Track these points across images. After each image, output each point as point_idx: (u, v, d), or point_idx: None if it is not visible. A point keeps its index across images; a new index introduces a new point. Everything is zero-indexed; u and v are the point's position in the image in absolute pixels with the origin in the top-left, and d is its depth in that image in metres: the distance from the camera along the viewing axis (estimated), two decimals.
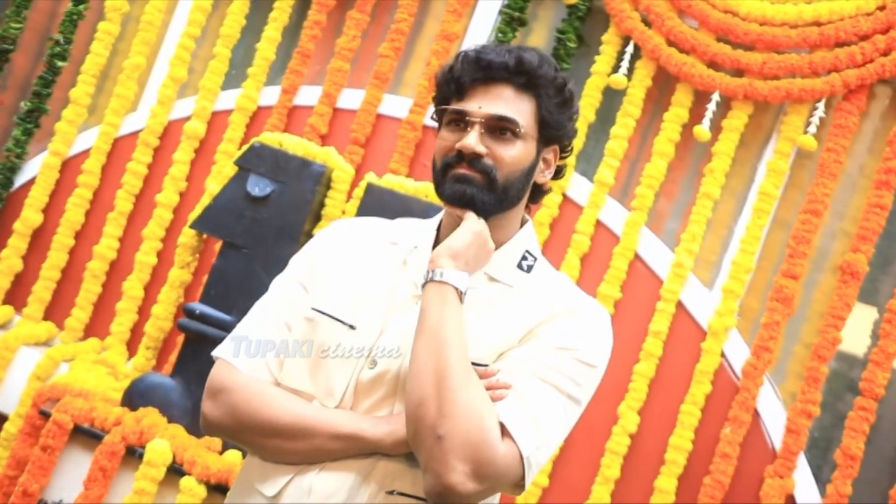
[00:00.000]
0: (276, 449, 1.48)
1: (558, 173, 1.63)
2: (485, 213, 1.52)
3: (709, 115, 3.43)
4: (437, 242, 1.58)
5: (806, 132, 3.37)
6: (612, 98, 3.55)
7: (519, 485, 1.42)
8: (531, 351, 1.47)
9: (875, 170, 3.33)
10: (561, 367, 1.46)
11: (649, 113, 3.57)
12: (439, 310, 1.43)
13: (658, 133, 3.49)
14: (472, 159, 1.49)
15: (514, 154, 1.51)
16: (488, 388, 1.42)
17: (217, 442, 3.04)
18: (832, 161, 3.31)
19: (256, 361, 1.53)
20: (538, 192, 1.63)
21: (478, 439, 1.35)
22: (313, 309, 1.54)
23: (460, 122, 1.52)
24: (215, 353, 1.56)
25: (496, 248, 1.55)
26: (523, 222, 1.62)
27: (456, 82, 1.53)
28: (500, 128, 1.50)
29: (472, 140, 1.49)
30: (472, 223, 1.51)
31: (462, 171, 1.50)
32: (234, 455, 3.06)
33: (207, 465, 2.94)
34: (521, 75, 1.51)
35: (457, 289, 1.45)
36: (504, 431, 1.38)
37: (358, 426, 1.45)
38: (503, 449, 1.37)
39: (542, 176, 1.59)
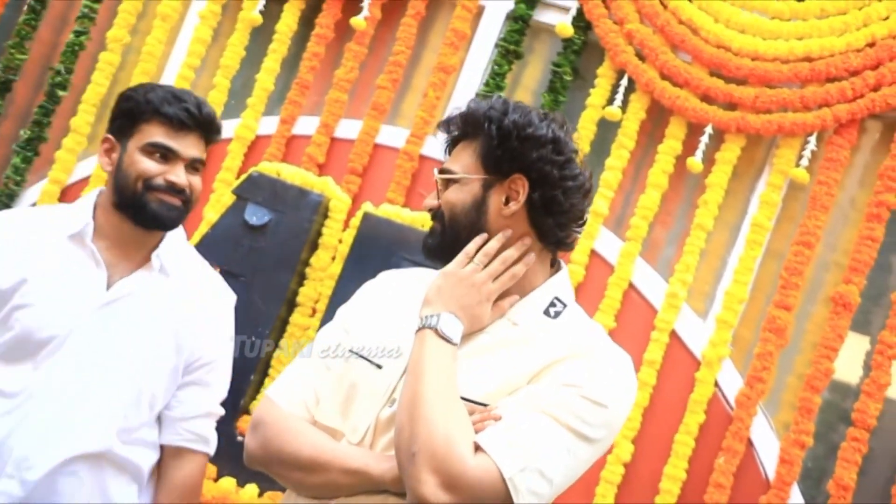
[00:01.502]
0: (299, 481, 1.57)
1: (555, 205, 1.58)
2: (438, 254, 1.63)
3: (702, 147, 3.45)
4: None
5: (798, 165, 3.39)
6: (606, 130, 3.57)
7: None
8: (536, 387, 1.48)
9: (866, 203, 3.35)
10: (564, 401, 1.46)
11: (643, 145, 3.59)
12: (418, 351, 1.50)
13: (652, 165, 3.51)
14: (433, 214, 1.65)
15: (449, 195, 1.60)
16: (478, 422, 1.44)
17: (212, 469, 3.03)
18: (824, 194, 3.33)
19: (295, 399, 1.62)
20: (546, 235, 1.60)
21: (444, 452, 1.38)
22: (349, 350, 1.63)
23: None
24: (267, 392, 1.67)
25: (524, 295, 1.59)
26: (557, 269, 1.64)
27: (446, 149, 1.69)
28: (443, 179, 1.62)
29: (429, 198, 1.65)
30: (446, 267, 1.59)
31: (431, 226, 1.66)
32: (228, 482, 3.05)
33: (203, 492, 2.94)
34: (463, 125, 1.62)
35: (434, 329, 1.50)
36: (479, 449, 1.40)
37: (365, 462, 1.51)
38: (473, 462, 1.39)
39: (507, 208, 1.58)
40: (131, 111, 1.94)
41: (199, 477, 2.03)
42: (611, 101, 3.56)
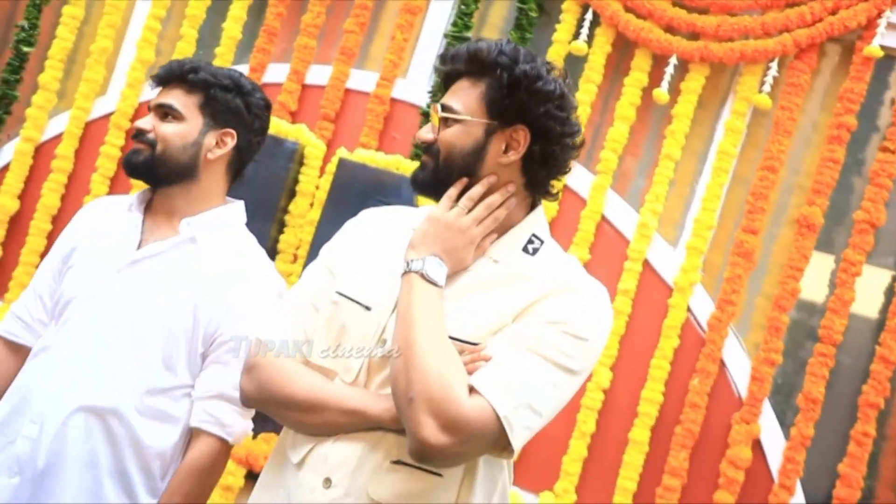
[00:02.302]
0: (296, 421, 1.59)
1: (551, 159, 1.62)
2: (428, 190, 1.65)
3: (667, 78, 3.49)
4: None
5: (761, 91, 3.44)
6: (573, 65, 3.59)
7: (504, 447, 1.47)
8: (521, 326, 1.52)
9: (827, 125, 3.40)
10: (549, 338, 1.50)
11: (610, 78, 3.62)
12: (406, 295, 1.52)
13: (619, 98, 3.54)
14: (425, 147, 1.64)
15: (449, 134, 1.60)
16: (470, 362, 1.48)
17: None
18: (786, 119, 3.39)
19: (287, 341, 1.63)
20: (536, 185, 1.64)
21: (441, 395, 1.42)
22: (337, 292, 1.63)
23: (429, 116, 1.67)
24: (255, 332, 1.68)
25: (503, 234, 1.62)
26: (533, 207, 1.67)
27: (441, 82, 1.67)
28: (443, 117, 1.61)
29: (423, 130, 1.64)
30: (430, 211, 1.61)
31: (422, 157, 1.66)
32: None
33: None
34: (468, 63, 1.61)
35: (420, 274, 1.53)
36: (473, 391, 1.44)
37: (362, 402, 1.54)
38: (470, 404, 1.42)
39: (506, 156, 1.60)
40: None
41: (209, 459, 1.96)
42: (576, 36, 3.58)
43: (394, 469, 1.52)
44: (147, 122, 2.01)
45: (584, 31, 3.56)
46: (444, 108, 1.61)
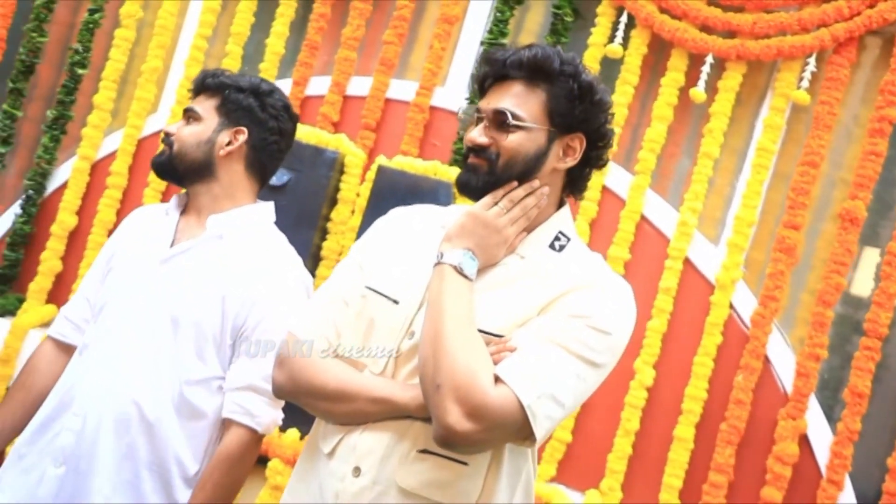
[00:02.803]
0: (326, 411, 1.64)
1: (596, 162, 1.70)
2: (480, 195, 1.64)
3: (704, 77, 3.49)
4: None
5: (799, 87, 3.42)
6: (610, 68, 3.61)
7: (527, 436, 1.50)
8: (546, 319, 1.56)
9: (869, 119, 3.37)
10: (573, 331, 1.54)
11: (647, 79, 3.63)
12: (437, 286, 1.56)
13: (656, 98, 3.55)
14: (477, 150, 1.63)
15: (514, 141, 1.61)
16: (494, 353, 1.51)
17: None
18: (826, 113, 3.36)
19: (317, 334, 1.68)
20: (575, 183, 1.71)
21: (467, 383, 1.45)
22: (366, 287, 1.69)
23: (477, 118, 1.66)
24: (288, 326, 1.73)
25: (531, 231, 1.67)
26: (561, 205, 1.72)
27: (479, 82, 1.69)
28: (500, 120, 1.61)
29: (475, 133, 1.63)
30: (471, 207, 1.64)
31: (471, 160, 1.64)
32: None
33: None
34: (528, 69, 1.62)
35: (454, 266, 1.56)
36: (498, 380, 1.47)
37: (390, 391, 1.59)
38: (495, 392, 1.46)
39: (563, 162, 1.65)
40: None
41: (239, 449, 2.02)
42: (612, 39, 3.60)
43: (420, 458, 1.57)
44: (174, 126, 2.16)
45: (620, 33, 3.58)
46: (512, 116, 1.61)
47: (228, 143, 2.12)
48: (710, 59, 3.48)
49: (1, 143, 4.07)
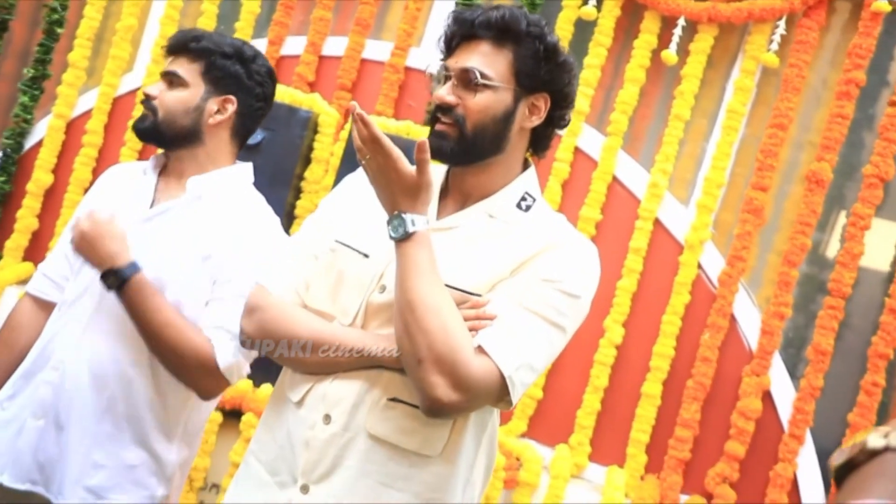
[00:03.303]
0: (297, 360, 1.65)
1: (559, 122, 1.72)
2: (458, 159, 1.65)
3: (676, 39, 3.50)
4: (446, 181, 1.73)
5: (769, 50, 3.44)
6: (584, 30, 3.62)
7: (504, 400, 1.55)
8: (519, 282, 1.58)
9: (836, 81, 3.40)
10: (545, 297, 1.57)
11: (620, 41, 3.64)
12: (401, 261, 1.54)
13: (629, 60, 3.56)
14: (445, 110, 1.62)
15: (481, 102, 1.62)
16: (475, 318, 1.54)
17: None
18: (795, 76, 3.39)
19: (286, 285, 1.70)
20: (538, 142, 1.73)
21: (450, 358, 1.48)
22: (335, 241, 1.70)
23: (444, 77, 1.65)
24: (256, 278, 1.74)
25: (498, 190, 1.69)
26: (526, 166, 1.74)
27: (446, 41, 1.69)
28: (468, 79, 1.62)
29: (443, 91, 1.63)
30: (367, 177, 1.60)
31: (439, 126, 1.63)
32: (245, 383, 3.23)
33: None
34: (496, 30, 1.63)
35: (406, 235, 1.54)
36: (481, 350, 1.50)
37: (363, 342, 1.60)
38: (477, 363, 1.49)
39: (529, 121, 1.67)
40: None
41: (202, 364, 1.98)
42: (586, 1, 3.59)
43: (390, 406, 1.60)
44: (155, 88, 2.11)
45: None
46: (480, 74, 1.61)
47: (217, 112, 2.10)
48: (682, 22, 3.49)
49: None
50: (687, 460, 3.33)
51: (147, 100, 2.10)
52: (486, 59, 1.62)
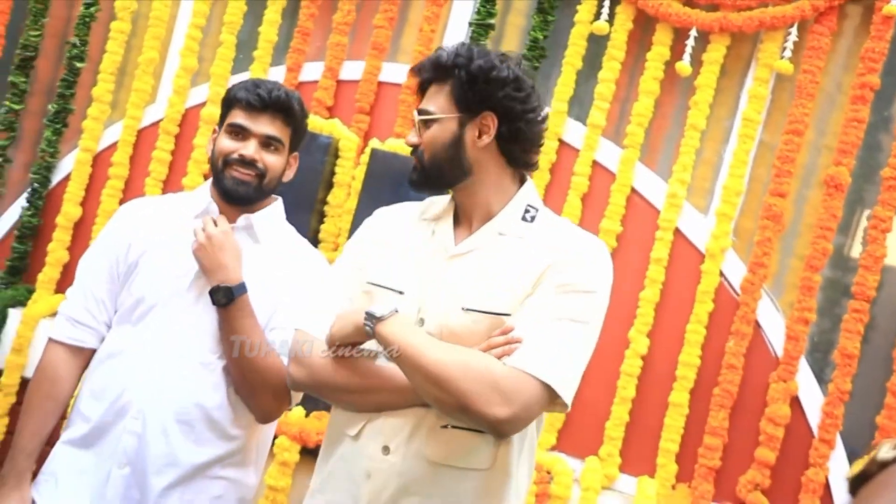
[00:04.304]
0: (350, 402, 1.75)
1: (521, 134, 1.78)
2: (422, 186, 1.80)
3: (688, 50, 3.48)
4: (456, 213, 1.82)
5: (782, 57, 3.42)
6: (597, 44, 3.61)
7: (557, 403, 1.64)
8: (537, 298, 1.67)
9: (851, 86, 3.37)
10: (561, 303, 1.66)
11: (633, 54, 3.62)
12: (400, 334, 1.65)
13: (643, 73, 3.55)
14: (413, 149, 1.79)
15: (430, 135, 1.76)
16: (505, 344, 1.63)
17: None
18: (809, 82, 3.36)
19: (326, 332, 1.75)
20: (513, 157, 1.80)
21: (487, 377, 1.58)
22: (368, 283, 1.80)
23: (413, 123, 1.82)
24: (296, 325, 1.82)
25: (500, 209, 1.78)
26: (523, 182, 1.83)
27: (414, 93, 1.87)
28: (420, 120, 1.78)
29: (410, 136, 1.80)
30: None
31: (414, 162, 1.80)
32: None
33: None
34: (433, 70, 1.78)
35: (375, 323, 1.65)
36: (524, 372, 1.59)
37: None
38: (512, 373, 1.59)
39: (481, 141, 1.76)
40: (224, 101, 2.18)
41: (281, 380, 2.05)
42: (598, 16, 3.59)
43: (443, 432, 1.69)
44: (251, 149, 2.11)
45: (605, 10, 3.57)
46: (421, 112, 1.77)
47: (288, 169, 2.29)
48: (693, 33, 3.48)
49: (4, 137, 4.09)
50: (717, 468, 3.29)
51: (251, 163, 2.12)
52: (432, 99, 1.77)
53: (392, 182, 3.30)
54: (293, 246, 2.22)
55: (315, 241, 3.47)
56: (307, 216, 3.40)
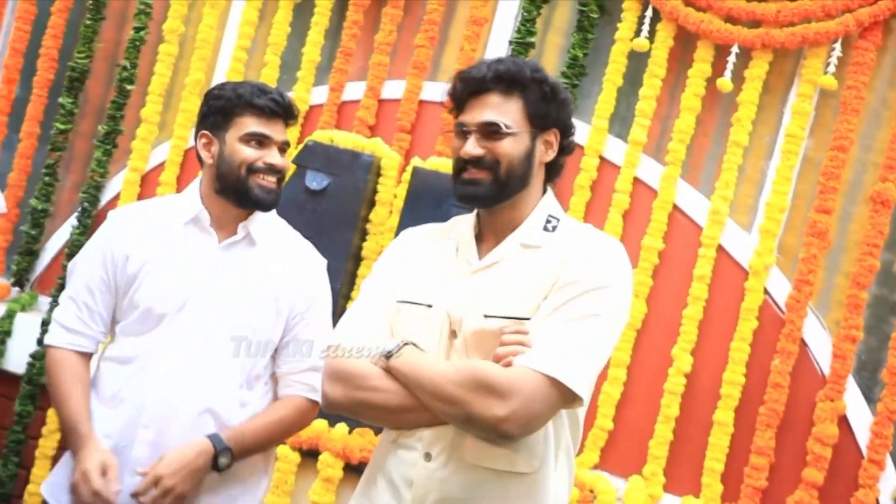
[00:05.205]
0: (388, 422, 1.79)
1: (568, 150, 1.87)
2: (494, 202, 1.79)
3: (730, 66, 3.42)
4: (479, 226, 1.87)
5: (826, 73, 3.34)
6: (637, 62, 3.56)
7: (572, 398, 1.65)
8: (550, 300, 1.70)
9: None
10: (570, 301, 1.68)
11: (675, 71, 3.57)
12: (409, 363, 1.73)
13: (684, 90, 3.49)
14: (475, 161, 1.77)
15: (507, 147, 1.76)
16: (516, 343, 1.66)
17: None
18: (854, 97, 3.28)
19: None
20: (553, 171, 1.89)
21: (480, 381, 1.61)
22: (397, 301, 1.84)
23: (461, 132, 1.81)
24: (330, 339, 1.86)
25: (524, 220, 1.81)
26: (544, 192, 1.87)
27: (456, 99, 1.82)
28: (491, 130, 1.75)
29: (469, 146, 1.77)
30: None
31: (469, 175, 1.78)
32: (320, 424, 3.27)
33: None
34: (506, 82, 1.77)
35: (389, 359, 1.74)
36: (537, 372, 1.61)
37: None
38: (508, 371, 1.62)
39: (546, 156, 1.83)
40: (224, 108, 2.13)
41: (305, 421, 2.23)
42: (638, 33, 3.54)
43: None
44: (277, 157, 2.19)
45: (646, 27, 3.52)
46: (491, 124, 1.75)
47: None
48: (735, 49, 3.41)
49: (51, 156, 4.15)
50: (764, 488, 3.21)
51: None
52: (499, 110, 1.76)
53: (434, 200, 3.28)
54: (288, 242, 2.25)
55: (358, 259, 3.45)
56: (350, 234, 3.38)
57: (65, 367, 2.15)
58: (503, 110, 1.75)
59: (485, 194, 1.77)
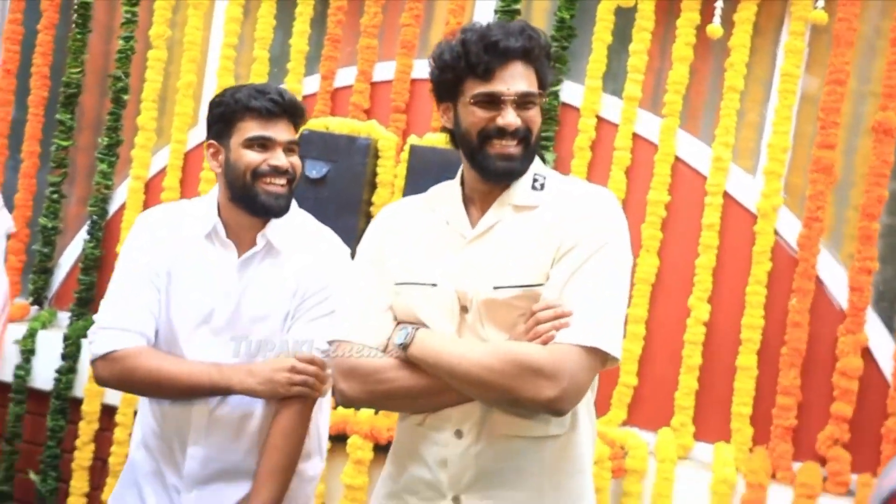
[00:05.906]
0: (412, 408, 1.75)
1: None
2: (522, 174, 1.74)
3: (718, 12, 3.35)
4: (463, 193, 1.79)
5: (816, 7, 3.28)
6: (625, 18, 3.50)
7: (609, 361, 1.64)
8: (559, 270, 1.65)
9: (890, 29, 3.23)
10: (581, 266, 1.64)
11: (663, 24, 3.51)
12: (430, 344, 1.68)
13: (675, 40, 3.43)
14: (513, 133, 1.69)
15: (536, 116, 1.72)
16: (553, 318, 1.61)
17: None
18: (846, 30, 3.22)
19: (374, 336, 1.74)
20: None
21: (527, 365, 1.58)
22: (396, 283, 1.76)
23: (491, 101, 1.68)
24: (335, 336, 1.78)
25: (510, 184, 1.75)
26: None
27: (483, 66, 1.66)
28: (526, 101, 1.70)
29: (511, 117, 1.68)
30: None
31: (504, 150, 1.69)
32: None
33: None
34: (527, 52, 1.70)
35: (405, 347, 1.69)
36: (572, 344, 1.59)
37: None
38: (548, 350, 1.58)
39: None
40: (224, 114, 2.07)
41: (294, 421, 2.06)
42: None
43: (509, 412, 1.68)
44: (281, 158, 2.07)
45: None
46: (530, 94, 1.70)
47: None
48: None
49: (55, 173, 4.13)
50: (794, 427, 3.18)
51: (284, 172, 2.12)
52: (529, 80, 1.70)
53: (434, 176, 3.17)
54: (308, 238, 2.17)
55: None
56: (354, 219, 3.36)
57: (148, 354, 2.05)
58: (531, 80, 1.71)
59: (520, 168, 1.72)
